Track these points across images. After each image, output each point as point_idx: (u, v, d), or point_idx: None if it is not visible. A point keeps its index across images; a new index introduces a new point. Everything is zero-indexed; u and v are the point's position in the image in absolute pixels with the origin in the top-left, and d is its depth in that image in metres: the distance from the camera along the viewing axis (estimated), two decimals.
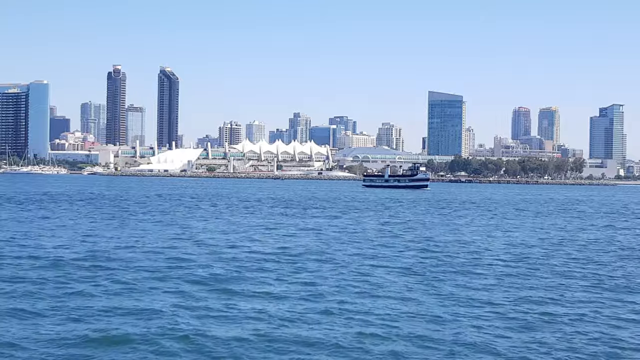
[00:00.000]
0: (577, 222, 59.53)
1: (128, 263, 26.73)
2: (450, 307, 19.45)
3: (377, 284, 23.09)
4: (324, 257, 29.92)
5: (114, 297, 20.08)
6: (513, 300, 20.58)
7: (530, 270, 27.05)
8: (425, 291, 21.88)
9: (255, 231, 42.66)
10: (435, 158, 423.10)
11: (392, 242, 37.14)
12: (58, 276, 23.33)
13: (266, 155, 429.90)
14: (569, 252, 33.97)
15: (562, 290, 22.64)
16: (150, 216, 54.92)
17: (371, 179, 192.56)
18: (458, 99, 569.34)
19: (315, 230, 43.95)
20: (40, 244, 32.82)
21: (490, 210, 77.60)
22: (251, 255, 30.21)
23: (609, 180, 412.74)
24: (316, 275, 24.59)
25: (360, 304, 19.70)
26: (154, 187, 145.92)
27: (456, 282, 23.71)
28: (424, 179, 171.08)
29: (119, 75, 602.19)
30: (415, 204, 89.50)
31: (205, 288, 21.70)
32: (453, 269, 26.89)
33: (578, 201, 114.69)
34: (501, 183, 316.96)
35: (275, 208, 71.23)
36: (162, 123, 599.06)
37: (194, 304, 19.36)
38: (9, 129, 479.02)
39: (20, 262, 26.49)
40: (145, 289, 21.29)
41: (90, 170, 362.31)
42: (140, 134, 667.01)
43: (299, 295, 20.90)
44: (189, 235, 38.61)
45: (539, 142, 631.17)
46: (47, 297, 19.91)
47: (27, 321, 17.04)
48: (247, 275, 24.42)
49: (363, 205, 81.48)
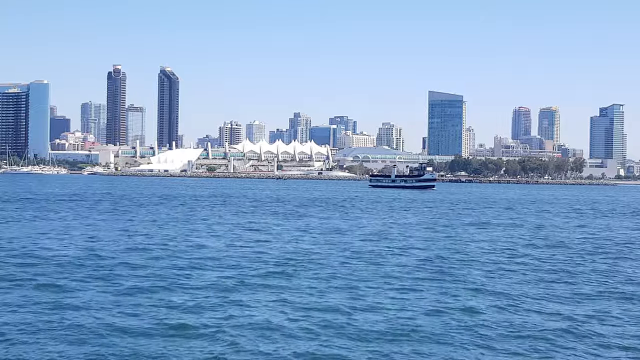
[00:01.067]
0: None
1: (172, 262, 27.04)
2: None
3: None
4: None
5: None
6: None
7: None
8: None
9: (304, 233, 43.31)
10: (436, 158, 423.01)
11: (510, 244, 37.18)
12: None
13: (266, 155, 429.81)
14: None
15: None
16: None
17: (377, 179, 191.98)
18: (458, 99, 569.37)
19: (381, 233, 44.02)
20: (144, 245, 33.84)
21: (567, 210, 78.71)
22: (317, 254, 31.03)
23: (609, 180, 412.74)
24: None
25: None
26: (174, 188, 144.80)
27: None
28: (430, 179, 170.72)
29: (119, 75, 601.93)
30: (455, 204, 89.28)
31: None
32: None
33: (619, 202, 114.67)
34: (501, 183, 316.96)
35: (301, 208, 71.27)
36: (162, 123, 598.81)
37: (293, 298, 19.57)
38: (9, 128, 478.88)
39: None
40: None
41: (91, 170, 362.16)
42: (140, 134, 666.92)
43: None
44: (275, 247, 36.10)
45: (539, 142, 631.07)
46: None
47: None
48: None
49: (388, 206, 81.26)
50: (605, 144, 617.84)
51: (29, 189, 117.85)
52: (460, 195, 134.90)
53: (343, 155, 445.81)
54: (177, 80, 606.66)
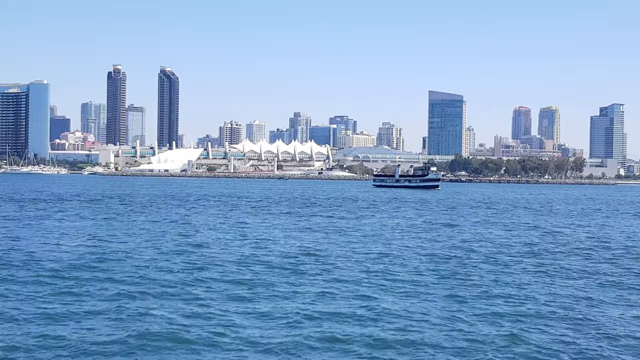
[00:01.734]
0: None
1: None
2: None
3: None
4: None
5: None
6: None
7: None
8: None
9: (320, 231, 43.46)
10: (436, 157, 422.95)
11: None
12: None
13: (266, 155, 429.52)
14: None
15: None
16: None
17: (382, 179, 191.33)
18: (458, 99, 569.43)
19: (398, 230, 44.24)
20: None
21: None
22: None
23: (609, 179, 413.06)
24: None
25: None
26: (188, 189, 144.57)
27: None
28: (435, 179, 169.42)
29: (119, 75, 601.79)
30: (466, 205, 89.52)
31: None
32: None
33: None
34: (501, 182, 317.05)
35: (311, 208, 71.40)
36: (163, 123, 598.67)
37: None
38: (9, 128, 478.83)
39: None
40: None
41: (91, 170, 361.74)
42: (140, 134, 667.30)
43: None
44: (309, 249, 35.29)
45: (539, 142, 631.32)
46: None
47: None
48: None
49: (402, 205, 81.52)
50: (606, 144, 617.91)
51: (47, 189, 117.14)
52: (469, 195, 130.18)
53: (343, 155, 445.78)
54: (177, 80, 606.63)
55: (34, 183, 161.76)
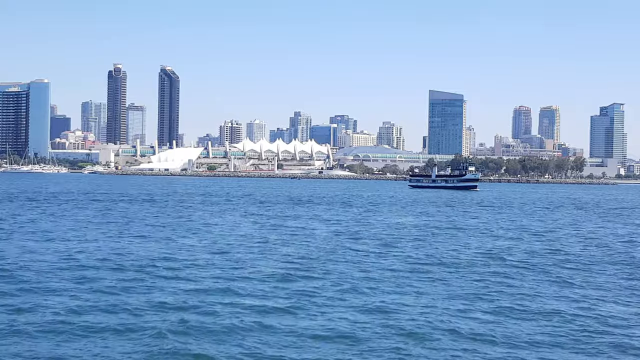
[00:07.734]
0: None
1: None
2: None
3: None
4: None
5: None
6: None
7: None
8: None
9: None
10: (436, 157, 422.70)
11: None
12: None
13: (267, 154, 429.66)
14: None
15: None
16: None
17: (417, 179, 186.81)
18: (459, 98, 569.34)
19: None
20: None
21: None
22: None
23: (609, 179, 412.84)
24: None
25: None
26: (204, 188, 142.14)
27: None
28: (473, 179, 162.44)
29: (120, 74, 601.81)
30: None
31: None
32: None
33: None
34: (502, 182, 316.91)
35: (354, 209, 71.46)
36: (163, 122, 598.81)
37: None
38: (10, 127, 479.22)
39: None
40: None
41: (91, 169, 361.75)
42: (140, 133, 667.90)
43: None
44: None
45: (540, 141, 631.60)
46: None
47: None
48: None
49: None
50: (606, 143, 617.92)
51: (59, 187, 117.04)
52: (516, 196, 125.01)
53: (343, 154, 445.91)
54: (177, 79, 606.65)
55: (33, 182, 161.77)
